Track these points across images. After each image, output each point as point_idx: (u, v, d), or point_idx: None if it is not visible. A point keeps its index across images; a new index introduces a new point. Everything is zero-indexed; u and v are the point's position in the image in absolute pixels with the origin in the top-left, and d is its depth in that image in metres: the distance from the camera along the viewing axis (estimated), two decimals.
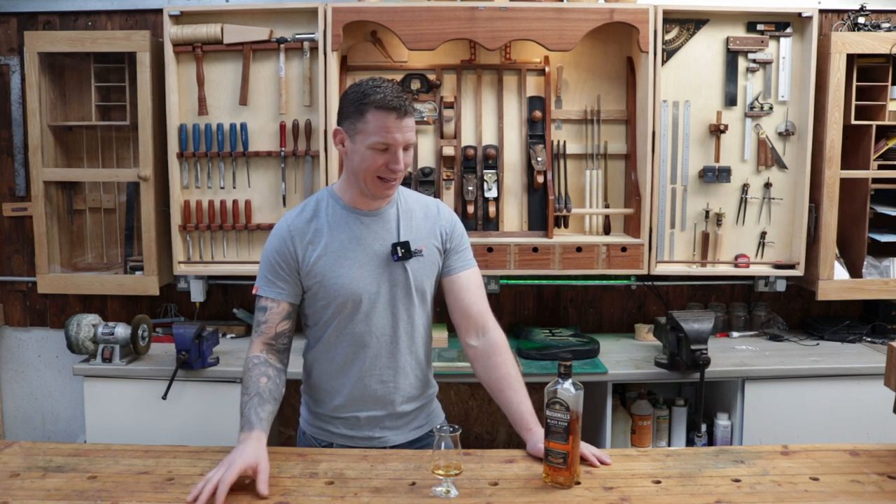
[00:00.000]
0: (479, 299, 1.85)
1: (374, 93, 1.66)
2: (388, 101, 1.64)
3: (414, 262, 1.79)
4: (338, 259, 1.75)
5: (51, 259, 2.97)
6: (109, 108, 3.00)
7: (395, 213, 1.81)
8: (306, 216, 1.80)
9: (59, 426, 3.31)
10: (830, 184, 2.82)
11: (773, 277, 2.96)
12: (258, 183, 2.94)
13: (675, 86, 2.87)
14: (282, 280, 1.77)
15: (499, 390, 1.78)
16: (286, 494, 1.53)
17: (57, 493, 1.54)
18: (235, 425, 2.71)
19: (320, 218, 1.78)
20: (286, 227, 1.79)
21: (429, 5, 2.73)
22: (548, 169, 2.87)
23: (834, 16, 3.05)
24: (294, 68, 2.87)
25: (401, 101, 1.66)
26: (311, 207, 1.81)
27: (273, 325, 1.77)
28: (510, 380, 1.78)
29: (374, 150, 1.67)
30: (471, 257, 1.90)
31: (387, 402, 1.83)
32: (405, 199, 1.86)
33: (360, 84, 1.71)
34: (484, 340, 1.83)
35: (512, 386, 1.77)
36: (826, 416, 2.65)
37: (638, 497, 1.51)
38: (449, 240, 1.86)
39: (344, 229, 1.77)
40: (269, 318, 1.77)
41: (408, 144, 1.69)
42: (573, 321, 3.24)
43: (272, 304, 1.77)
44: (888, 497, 1.51)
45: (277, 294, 1.77)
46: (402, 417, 1.86)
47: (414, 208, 1.85)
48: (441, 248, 1.85)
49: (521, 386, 1.79)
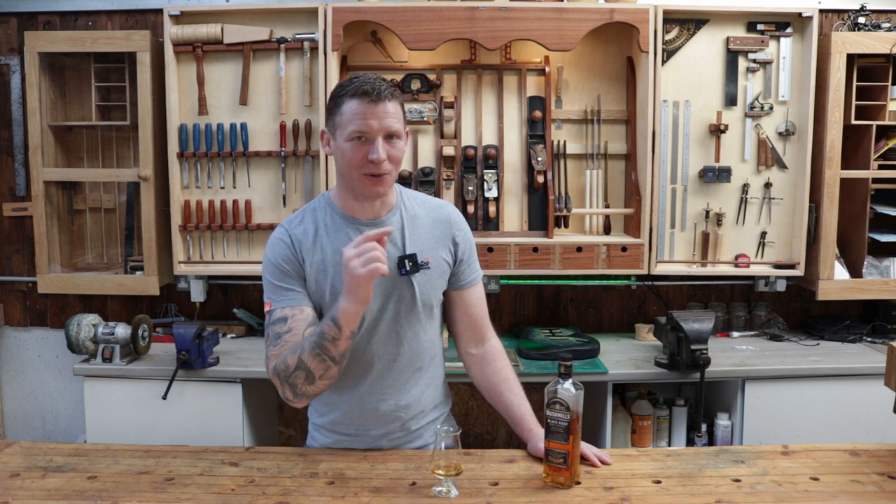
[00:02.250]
0: (483, 311, 1.82)
1: (350, 83, 1.57)
2: (362, 86, 1.55)
3: (420, 276, 1.67)
4: (338, 274, 1.61)
5: (51, 259, 2.97)
6: (109, 108, 3.00)
7: (398, 220, 1.69)
8: (304, 224, 1.69)
9: (59, 426, 3.31)
10: (830, 184, 2.82)
11: (773, 277, 2.96)
12: (258, 183, 2.94)
13: (675, 86, 2.87)
14: (293, 283, 1.64)
15: (498, 394, 1.77)
16: (286, 494, 1.53)
17: (57, 493, 1.54)
18: (235, 425, 2.72)
19: (318, 226, 1.67)
20: (286, 232, 1.68)
21: (429, 5, 2.73)
22: (548, 169, 2.87)
23: (834, 16, 3.05)
24: (294, 68, 2.87)
25: (375, 86, 1.55)
26: (308, 218, 1.70)
27: (299, 332, 1.60)
28: (509, 383, 1.77)
29: (353, 143, 1.56)
30: (478, 266, 1.82)
31: (391, 420, 1.74)
32: (409, 204, 1.73)
33: (341, 81, 1.63)
34: (483, 349, 1.82)
35: (511, 389, 1.77)
36: (826, 416, 2.65)
37: (638, 497, 1.52)
38: (460, 251, 1.76)
39: (343, 241, 1.63)
40: (293, 327, 1.60)
41: (388, 132, 1.56)
42: (573, 321, 3.24)
43: (292, 311, 1.62)
44: (888, 497, 1.51)
45: (296, 300, 1.63)
46: (411, 433, 1.77)
47: (419, 214, 1.73)
48: (451, 261, 1.74)
49: (519, 389, 1.78)
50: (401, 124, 1.60)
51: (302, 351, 1.56)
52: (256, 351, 2.84)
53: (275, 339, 1.61)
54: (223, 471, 1.65)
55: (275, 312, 1.64)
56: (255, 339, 3.03)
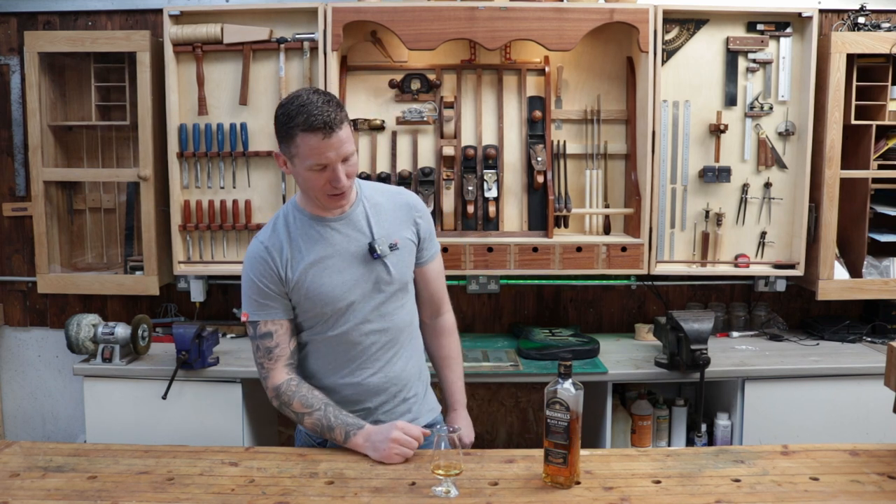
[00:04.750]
0: (441, 286, 2.01)
1: (299, 114, 1.63)
2: (312, 122, 1.61)
3: (392, 257, 1.81)
4: (318, 270, 1.76)
5: (51, 259, 2.97)
6: (109, 107, 3.00)
7: (361, 211, 1.82)
8: (278, 235, 1.80)
9: (59, 426, 3.31)
10: (830, 184, 2.82)
11: (773, 277, 2.96)
12: (258, 183, 2.94)
13: (675, 86, 2.87)
14: (273, 300, 1.78)
15: (439, 368, 2.04)
16: (286, 494, 1.53)
17: (57, 493, 1.55)
18: (235, 425, 2.71)
19: (291, 234, 1.79)
20: (262, 247, 1.79)
21: (429, 5, 2.73)
22: (548, 169, 2.87)
23: (834, 16, 3.05)
24: (294, 68, 2.87)
25: (325, 118, 1.61)
26: (280, 225, 1.81)
27: (286, 346, 1.80)
28: (450, 361, 2.02)
29: (313, 171, 1.67)
30: (436, 243, 1.98)
31: (381, 391, 1.86)
32: (369, 195, 1.86)
33: (286, 104, 1.67)
34: (436, 322, 2.03)
35: (450, 366, 2.02)
36: (826, 416, 2.65)
37: (638, 497, 1.52)
38: (422, 230, 1.90)
39: (316, 240, 1.78)
40: (279, 342, 1.79)
41: (345, 157, 1.67)
42: (573, 321, 3.24)
43: (274, 325, 1.79)
44: (888, 497, 1.51)
45: (275, 314, 1.79)
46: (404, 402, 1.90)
47: (380, 202, 1.86)
48: (415, 240, 1.89)
49: (458, 367, 2.03)
50: (352, 143, 1.70)
51: (308, 414, 1.77)
52: None
53: (266, 353, 1.79)
54: (223, 471, 1.65)
55: (258, 326, 1.79)
56: None
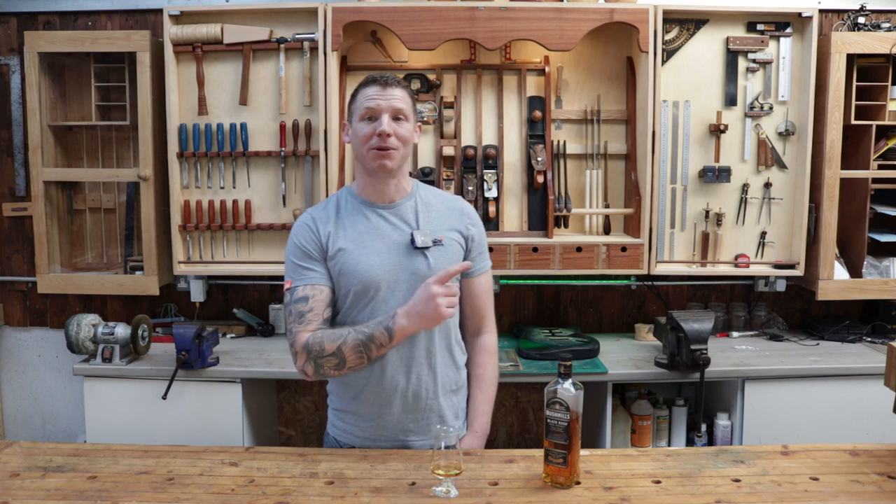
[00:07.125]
0: (487, 303, 1.94)
1: (366, 79, 1.79)
2: (373, 76, 1.77)
3: (435, 251, 1.78)
4: (356, 247, 1.76)
5: (51, 259, 2.97)
6: (109, 108, 3.00)
7: (412, 206, 1.83)
8: (327, 211, 1.84)
9: (59, 426, 3.31)
10: (830, 184, 2.82)
11: (773, 277, 2.96)
12: (258, 183, 2.94)
13: (675, 86, 2.87)
14: (314, 264, 1.77)
15: (470, 386, 1.93)
16: (286, 494, 1.53)
17: (57, 493, 1.55)
18: (235, 425, 2.72)
19: (340, 212, 1.82)
20: (310, 217, 1.83)
21: (429, 5, 2.73)
22: (548, 169, 2.87)
23: (834, 16, 3.05)
24: (294, 68, 2.87)
25: (385, 75, 1.77)
26: (332, 204, 1.85)
27: (319, 312, 1.75)
28: (481, 381, 1.92)
29: (364, 122, 1.75)
30: (488, 259, 1.93)
31: (410, 396, 1.78)
32: (423, 194, 1.87)
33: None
34: (476, 340, 1.94)
35: (480, 386, 1.92)
36: (826, 416, 2.65)
37: (638, 497, 1.52)
38: (472, 240, 1.87)
39: (361, 220, 1.80)
40: (314, 306, 1.74)
41: (394, 111, 1.74)
42: (573, 321, 3.24)
43: (312, 290, 1.75)
44: (888, 497, 1.51)
45: (314, 279, 1.76)
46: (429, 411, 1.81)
47: (433, 203, 1.86)
48: (463, 244, 1.85)
49: (489, 388, 1.92)
50: (408, 108, 1.77)
51: (343, 342, 1.70)
52: (256, 351, 2.84)
53: (298, 317, 1.74)
54: (223, 471, 1.65)
55: (296, 291, 1.76)
56: (255, 340, 3.03)
